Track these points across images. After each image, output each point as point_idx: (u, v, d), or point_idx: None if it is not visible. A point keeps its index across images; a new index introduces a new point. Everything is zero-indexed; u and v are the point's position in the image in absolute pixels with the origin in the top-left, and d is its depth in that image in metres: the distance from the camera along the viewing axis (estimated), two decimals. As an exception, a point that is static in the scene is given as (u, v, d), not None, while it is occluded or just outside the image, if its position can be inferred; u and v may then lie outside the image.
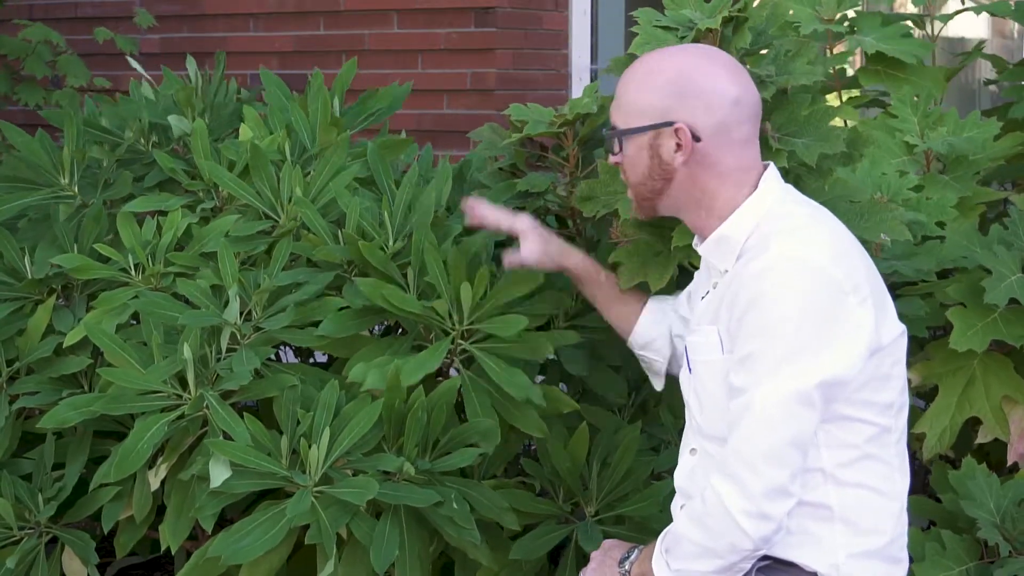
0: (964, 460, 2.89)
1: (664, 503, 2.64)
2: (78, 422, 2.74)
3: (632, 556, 2.26)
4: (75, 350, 2.91)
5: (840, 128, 2.72)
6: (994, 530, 2.73)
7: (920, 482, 3.41)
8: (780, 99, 2.72)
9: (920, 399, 3.12)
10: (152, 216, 3.04)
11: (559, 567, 2.83)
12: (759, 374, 2.02)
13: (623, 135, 2.18)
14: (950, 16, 3.87)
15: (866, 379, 2.08)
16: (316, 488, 2.52)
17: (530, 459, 2.89)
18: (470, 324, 2.69)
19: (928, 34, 3.79)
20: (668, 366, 2.58)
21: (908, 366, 2.97)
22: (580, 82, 5.28)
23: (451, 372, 2.94)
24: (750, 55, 2.69)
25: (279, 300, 2.75)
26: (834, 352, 2.01)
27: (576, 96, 4.60)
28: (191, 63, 3.38)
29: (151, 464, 2.76)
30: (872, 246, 2.92)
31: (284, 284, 2.76)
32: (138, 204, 3.04)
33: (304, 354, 3.33)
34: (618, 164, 2.25)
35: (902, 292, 3.03)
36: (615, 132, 2.19)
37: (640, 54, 2.65)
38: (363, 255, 2.71)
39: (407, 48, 5.10)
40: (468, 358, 2.75)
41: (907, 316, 2.96)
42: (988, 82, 3.95)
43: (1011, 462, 2.94)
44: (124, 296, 2.83)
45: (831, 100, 3.69)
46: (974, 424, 3.05)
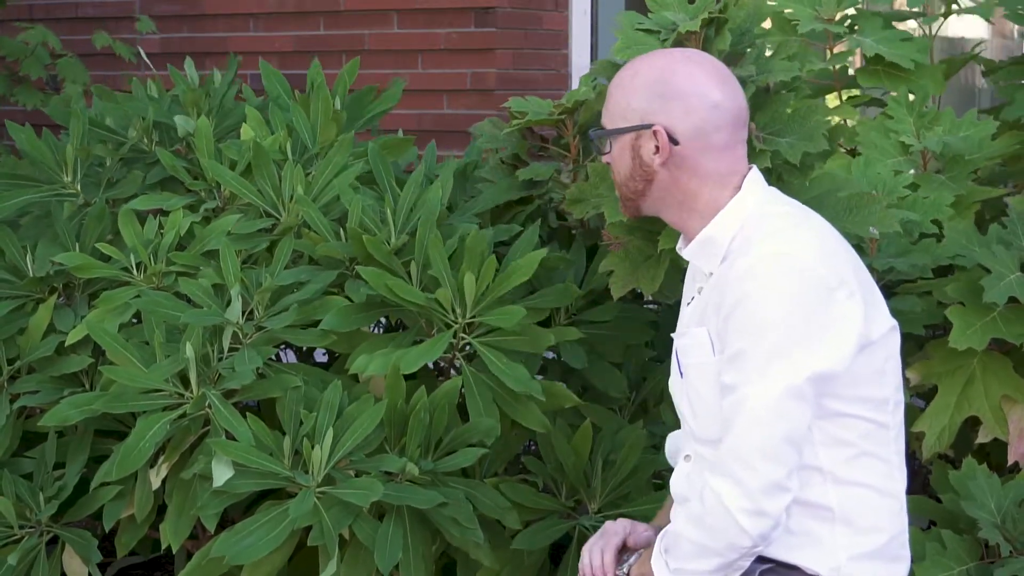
0: (965, 460, 2.89)
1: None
2: (79, 421, 2.75)
3: (631, 559, 2.27)
4: (76, 349, 2.91)
5: (823, 122, 2.72)
6: (995, 530, 2.73)
7: (920, 482, 3.41)
8: (763, 98, 2.72)
9: (920, 399, 3.13)
10: (154, 215, 3.04)
11: (560, 566, 2.84)
12: (749, 372, 2.02)
13: (607, 136, 2.22)
14: (946, 15, 3.87)
15: (859, 374, 2.08)
16: (319, 489, 2.51)
17: (531, 457, 2.89)
18: (473, 316, 2.69)
19: (927, 32, 3.78)
20: None
21: (907, 365, 2.98)
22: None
23: (451, 373, 2.95)
24: (732, 56, 2.69)
25: (281, 299, 2.76)
26: (823, 345, 2.02)
27: (569, 92, 4.61)
28: (190, 65, 3.37)
29: (152, 463, 2.76)
30: (867, 243, 2.93)
31: (286, 283, 2.77)
32: (140, 202, 3.04)
33: (304, 354, 3.33)
34: (607, 164, 2.28)
35: (899, 290, 3.04)
36: (600, 132, 2.23)
37: (621, 59, 2.66)
38: (366, 250, 2.71)
39: (407, 48, 5.09)
40: (469, 355, 2.75)
41: (904, 313, 2.96)
42: (986, 73, 3.95)
43: (1011, 462, 2.94)
44: (126, 295, 2.83)
45: (831, 100, 3.69)
46: (974, 424, 3.06)
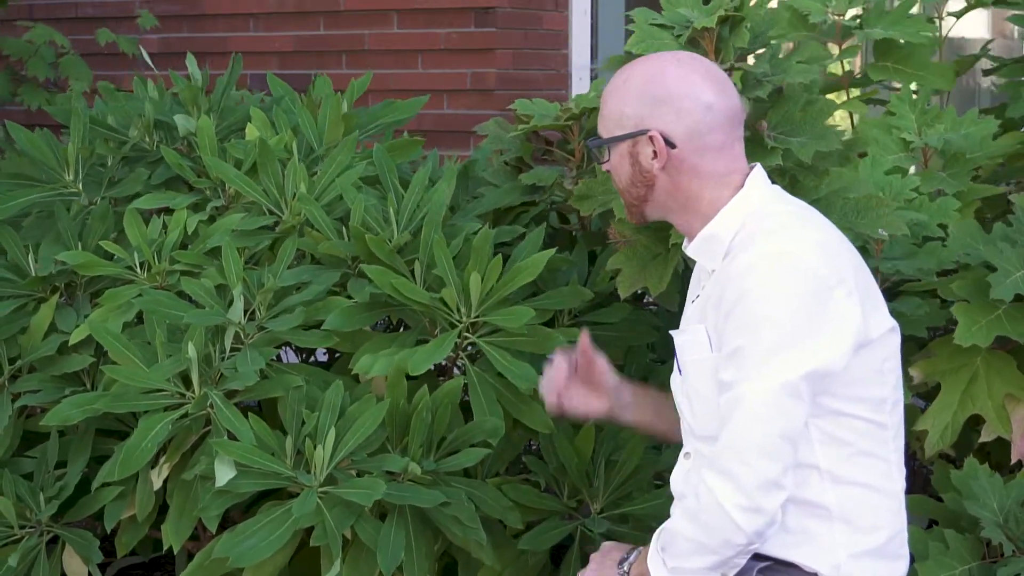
0: (967, 460, 2.89)
1: (669, 503, 2.64)
2: (80, 420, 2.74)
3: (631, 557, 2.27)
4: (78, 348, 2.91)
5: (836, 126, 2.72)
6: (997, 530, 2.73)
7: (922, 481, 3.41)
8: (775, 98, 2.72)
9: (921, 399, 3.12)
10: (157, 214, 3.04)
11: (561, 566, 2.83)
12: (747, 368, 2.02)
13: (604, 144, 2.22)
14: (960, 13, 3.87)
15: (857, 374, 2.08)
16: (321, 489, 2.51)
17: (533, 457, 2.89)
18: (478, 316, 2.68)
19: (936, 31, 3.78)
20: None
21: (910, 364, 2.98)
22: (580, 82, 5.28)
23: (454, 373, 2.94)
24: (747, 55, 2.69)
25: (284, 299, 2.75)
26: (820, 343, 2.02)
27: (575, 96, 4.60)
28: (191, 62, 3.37)
29: (153, 463, 2.75)
30: (872, 246, 2.92)
31: (289, 284, 2.76)
32: (144, 201, 3.03)
33: (304, 353, 3.33)
34: (609, 172, 2.27)
35: (903, 289, 3.03)
36: (598, 142, 2.23)
37: (636, 52, 2.65)
38: (369, 249, 2.70)
39: (407, 48, 5.09)
40: (473, 355, 2.74)
41: (907, 315, 2.96)
42: (987, 72, 3.94)
43: (1014, 460, 2.94)
44: (129, 294, 2.83)
45: (839, 97, 3.68)
46: (976, 423, 3.05)
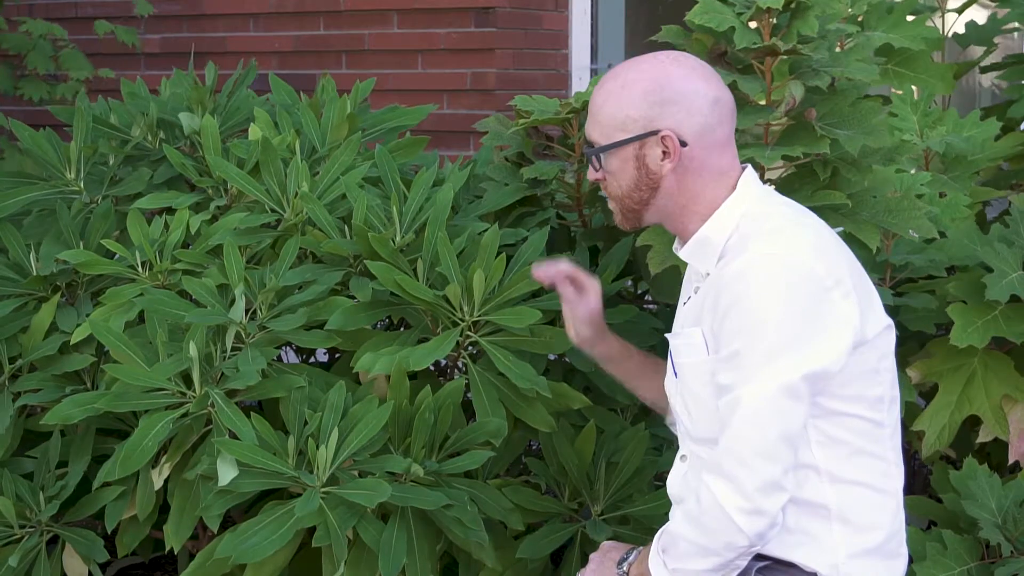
0: (965, 460, 2.90)
1: (669, 505, 2.64)
2: (81, 420, 2.73)
3: (630, 557, 2.27)
4: (79, 348, 2.91)
5: (884, 126, 2.70)
6: (995, 530, 2.74)
7: (921, 482, 3.42)
8: (826, 91, 2.71)
9: (923, 399, 3.13)
10: (160, 214, 3.04)
11: (562, 566, 2.84)
12: (746, 371, 2.03)
13: (605, 151, 2.17)
14: (962, 8, 3.88)
15: (854, 373, 2.08)
16: (323, 489, 2.51)
17: (533, 458, 2.89)
18: (480, 314, 2.68)
19: (938, 28, 3.79)
20: None
21: (908, 364, 2.99)
22: (580, 82, 5.28)
23: (455, 374, 2.94)
24: (805, 43, 2.67)
25: (285, 299, 2.75)
26: (818, 344, 2.02)
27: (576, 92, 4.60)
28: (211, 69, 3.36)
29: (154, 463, 2.75)
30: (883, 241, 2.92)
31: (291, 283, 2.76)
32: (147, 201, 3.03)
33: (305, 353, 3.33)
34: (599, 180, 2.23)
35: (904, 289, 3.04)
36: (596, 149, 2.18)
37: (698, 23, 2.63)
38: (371, 247, 2.70)
39: (407, 48, 5.10)
40: (475, 354, 2.74)
41: (915, 310, 2.97)
42: (984, 69, 3.95)
43: (1012, 461, 2.94)
44: (130, 293, 2.83)
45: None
46: (974, 424, 3.06)
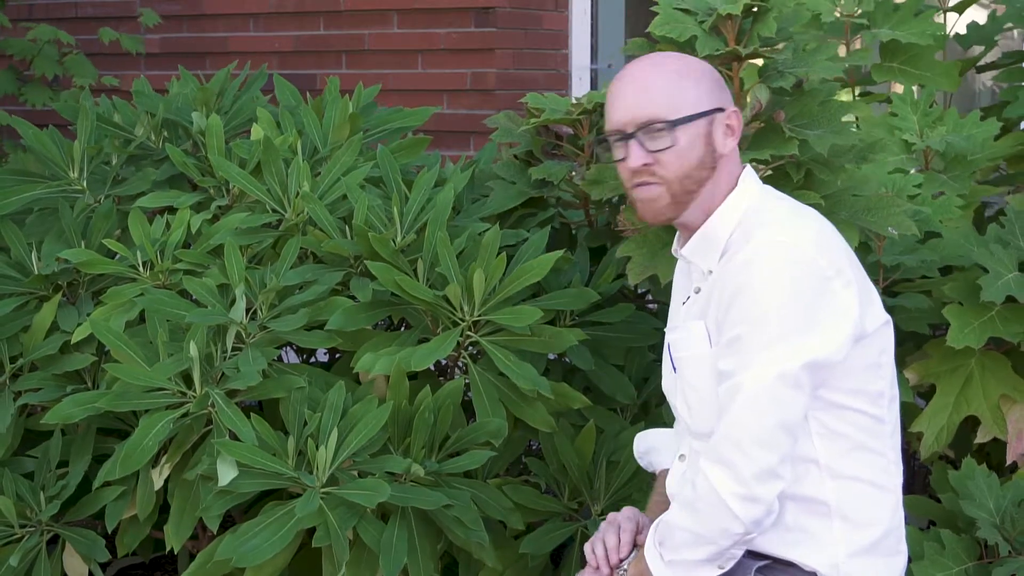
0: (964, 460, 2.91)
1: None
2: (82, 419, 2.74)
3: (630, 556, 2.27)
4: (80, 347, 2.91)
5: (853, 124, 2.72)
6: (993, 530, 2.74)
7: (920, 482, 3.42)
8: (796, 91, 2.73)
9: (922, 399, 3.13)
10: (161, 213, 3.04)
11: (562, 565, 2.84)
12: (746, 358, 2.03)
13: (686, 122, 2.10)
14: (964, 6, 3.88)
15: (854, 366, 2.09)
16: (323, 489, 2.51)
17: (534, 458, 2.90)
18: (480, 314, 2.68)
19: (942, 29, 3.80)
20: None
21: (905, 365, 3.00)
22: (580, 82, 5.29)
23: (455, 373, 2.95)
24: (769, 46, 2.69)
25: (286, 299, 2.75)
26: (820, 334, 2.03)
27: (576, 96, 4.61)
28: (223, 72, 3.38)
29: (154, 463, 2.76)
30: (875, 241, 2.93)
31: (291, 283, 2.76)
32: (149, 200, 3.04)
33: (305, 353, 3.33)
34: (646, 166, 2.13)
35: (900, 288, 3.05)
36: (675, 121, 2.10)
37: (660, 35, 2.67)
38: (372, 247, 2.70)
39: (407, 48, 5.10)
40: (475, 354, 2.75)
41: (909, 311, 2.97)
42: (980, 69, 3.96)
43: (1010, 461, 2.95)
44: (131, 292, 2.83)
45: (844, 96, 3.69)
46: (973, 424, 3.07)
